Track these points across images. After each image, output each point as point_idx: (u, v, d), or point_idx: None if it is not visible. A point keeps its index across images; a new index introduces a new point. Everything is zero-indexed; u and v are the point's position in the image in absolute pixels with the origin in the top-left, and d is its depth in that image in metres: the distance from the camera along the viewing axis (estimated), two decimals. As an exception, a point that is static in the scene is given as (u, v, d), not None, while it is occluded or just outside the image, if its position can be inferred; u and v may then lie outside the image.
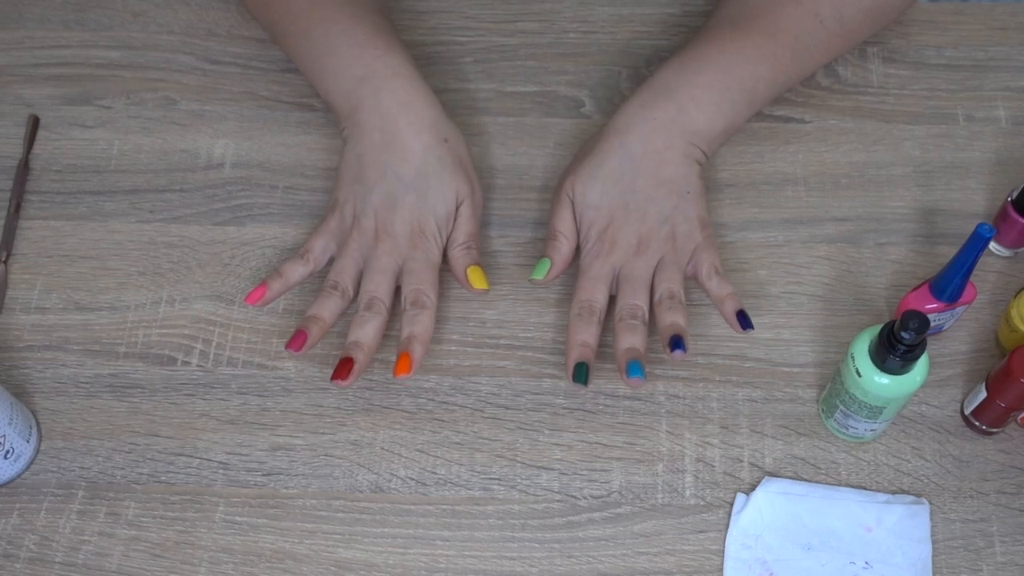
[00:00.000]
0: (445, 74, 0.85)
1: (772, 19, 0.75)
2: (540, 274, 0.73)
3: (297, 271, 0.73)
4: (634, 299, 0.71)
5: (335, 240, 0.75)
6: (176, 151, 0.82)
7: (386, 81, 0.74)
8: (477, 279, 0.73)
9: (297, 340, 0.70)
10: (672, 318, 0.70)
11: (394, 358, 0.71)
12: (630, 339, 0.70)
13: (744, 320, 0.70)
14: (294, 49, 0.78)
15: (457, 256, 0.74)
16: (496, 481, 0.70)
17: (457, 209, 0.74)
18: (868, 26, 0.79)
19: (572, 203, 0.74)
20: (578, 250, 0.75)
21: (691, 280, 0.74)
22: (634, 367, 0.68)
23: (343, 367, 0.69)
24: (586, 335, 0.70)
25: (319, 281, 0.76)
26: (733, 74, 0.73)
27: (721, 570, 0.67)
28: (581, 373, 0.69)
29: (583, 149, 0.77)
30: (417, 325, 0.70)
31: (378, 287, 0.72)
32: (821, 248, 0.77)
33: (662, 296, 0.71)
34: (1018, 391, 0.65)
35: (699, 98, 0.73)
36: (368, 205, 0.73)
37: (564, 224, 0.74)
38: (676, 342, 0.68)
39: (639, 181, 0.72)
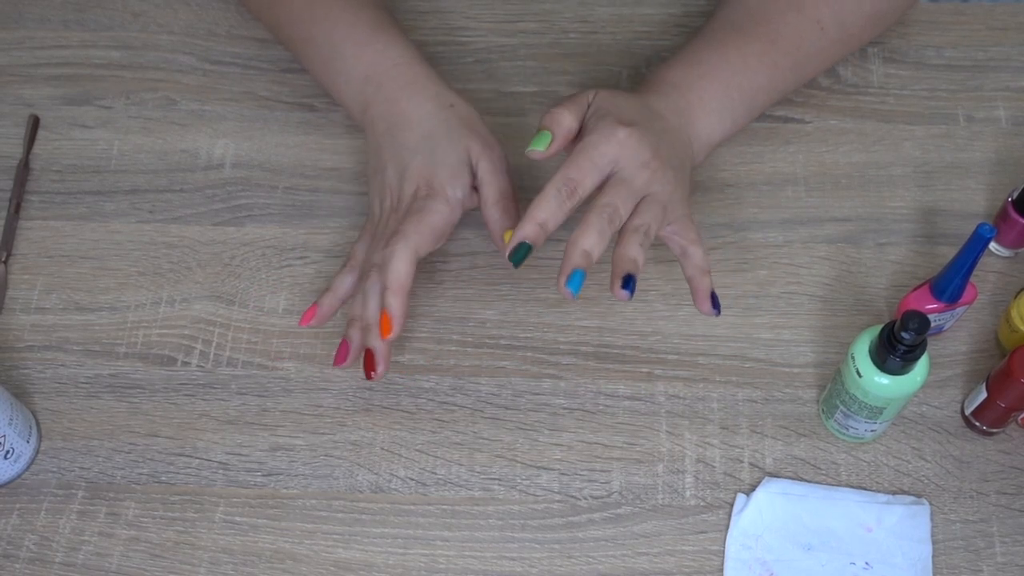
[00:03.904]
0: (445, 74, 0.84)
1: (774, 25, 0.74)
2: (540, 145, 0.65)
3: (346, 281, 0.72)
4: (621, 202, 0.63)
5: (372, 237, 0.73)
6: (176, 151, 0.82)
7: (387, 72, 0.73)
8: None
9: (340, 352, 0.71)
10: (636, 253, 0.63)
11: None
12: (594, 239, 0.62)
13: (715, 301, 0.67)
14: (300, 54, 0.78)
15: (494, 217, 0.70)
16: (496, 481, 0.70)
17: (477, 169, 0.71)
18: (868, 32, 0.78)
19: (589, 103, 0.67)
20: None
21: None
22: (577, 276, 0.61)
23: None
24: (550, 215, 0.62)
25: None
26: (735, 83, 0.72)
27: (721, 571, 0.67)
28: (519, 253, 0.62)
29: None
30: (388, 273, 0.66)
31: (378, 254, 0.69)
32: (821, 248, 0.77)
33: (638, 227, 0.63)
34: (1018, 391, 0.65)
35: (706, 100, 0.72)
36: (386, 188, 0.72)
37: (574, 104, 0.66)
38: (628, 280, 0.62)
39: (658, 126, 0.68)
